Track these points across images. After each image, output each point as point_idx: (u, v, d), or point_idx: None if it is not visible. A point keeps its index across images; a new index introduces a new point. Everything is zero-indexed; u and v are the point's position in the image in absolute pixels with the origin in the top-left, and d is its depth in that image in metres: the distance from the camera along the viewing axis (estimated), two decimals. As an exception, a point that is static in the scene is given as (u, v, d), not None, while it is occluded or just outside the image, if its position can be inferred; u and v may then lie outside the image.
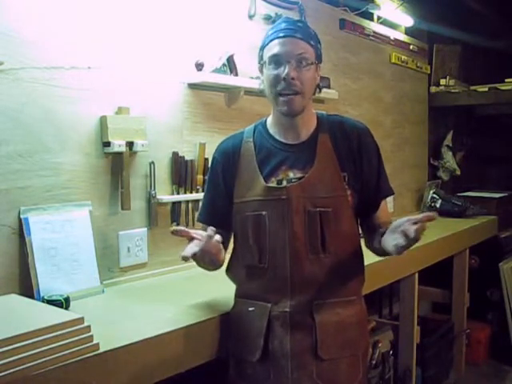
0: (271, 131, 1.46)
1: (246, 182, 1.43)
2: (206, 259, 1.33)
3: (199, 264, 1.43)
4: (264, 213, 1.38)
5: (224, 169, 1.48)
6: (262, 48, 1.41)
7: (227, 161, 1.48)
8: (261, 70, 1.43)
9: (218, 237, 1.28)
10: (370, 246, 1.51)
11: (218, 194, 1.49)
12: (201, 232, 1.32)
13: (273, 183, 1.40)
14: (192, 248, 1.26)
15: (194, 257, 1.27)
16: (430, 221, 1.19)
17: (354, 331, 1.41)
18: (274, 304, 1.39)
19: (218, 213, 1.50)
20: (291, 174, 1.40)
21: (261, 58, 1.42)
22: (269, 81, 1.37)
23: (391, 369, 2.51)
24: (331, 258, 1.38)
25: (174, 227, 1.30)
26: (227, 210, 1.47)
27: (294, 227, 1.37)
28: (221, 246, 1.35)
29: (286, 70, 1.32)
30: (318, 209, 1.37)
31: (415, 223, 1.19)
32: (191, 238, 1.29)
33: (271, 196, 1.38)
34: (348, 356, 1.39)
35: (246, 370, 1.42)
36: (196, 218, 1.64)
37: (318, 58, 1.41)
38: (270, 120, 1.49)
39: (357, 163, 1.42)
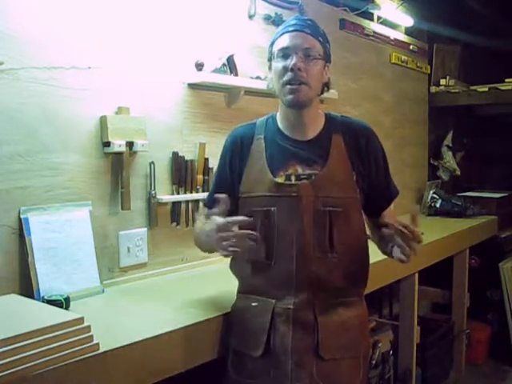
0: (280, 127, 1.47)
1: (255, 177, 1.44)
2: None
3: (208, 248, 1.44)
4: (273, 209, 1.39)
5: (231, 158, 1.50)
6: (272, 43, 1.43)
7: (235, 152, 1.49)
8: (270, 67, 1.44)
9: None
10: (374, 241, 1.53)
11: (224, 181, 1.51)
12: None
13: (281, 177, 1.40)
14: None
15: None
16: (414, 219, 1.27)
17: (355, 332, 1.41)
18: (278, 300, 1.39)
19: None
20: (300, 170, 1.40)
21: (270, 52, 1.44)
22: (276, 72, 1.39)
23: (391, 369, 2.51)
24: (338, 258, 1.39)
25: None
26: (232, 198, 1.46)
27: (302, 225, 1.37)
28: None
29: (293, 61, 1.34)
30: (328, 208, 1.37)
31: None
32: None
33: (281, 192, 1.39)
34: (349, 357, 1.39)
35: (246, 364, 1.42)
36: (203, 201, 1.65)
37: (327, 57, 1.43)
38: (278, 114, 1.50)
39: (365, 164, 1.44)
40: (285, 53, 1.37)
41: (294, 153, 1.42)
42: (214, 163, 2.00)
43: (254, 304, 1.43)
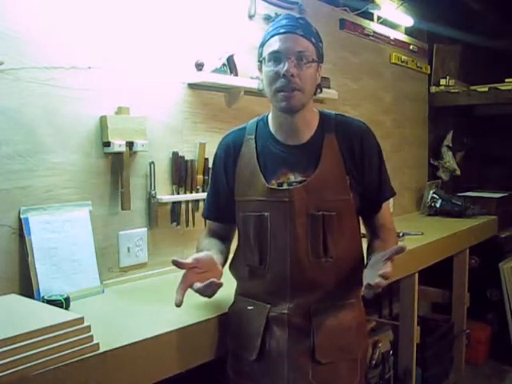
0: (272, 130, 1.44)
1: (247, 180, 1.42)
2: (201, 295, 1.31)
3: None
4: (266, 214, 1.37)
5: (226, 164, 1.47)
6: (262, 45, 1.37)
7: (229, 156, 1.46)
8: (260, 68, 1.39)
9: (220, 284, 1.28)
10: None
11: (221, 189, 1.49)
12: (199, 258, 1.32)
13: (273, 186, 1.38)
14: (184, 288, 1.27)
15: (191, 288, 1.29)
16: (399, 254, 1.22)
17: (352, 335, 1.40)
18: (273, 305, 1.39)
19: (222, 208, 1.50)
20: (292, 177, 1.38)
21: (260, 55, 1.38)
22: (268, 78, 1.34)
23: (391, 369, 2.51)
24: (332, 263, 1.37)
25: (174, 258, 1.26)
26: (230, 205, 1.46)
27: (296, 230, 1.35)
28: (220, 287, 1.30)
29: (286, 67, 1.29)
30: (321, 212, 1.35)
31: (387, 259, 1.22)
32: (189, 268, 1.29)
33: (274, 197, 1.37)
34: (346, 359, 1.38)
35: (243, 367, 1.42)
36: (201, 214, 1.65)
37: (320, 57, 1.38)
38: (270, 118, 1.46)
39: (358, 165, 1.40)
40: (276, 57, 1.31)
41: (287, 160, 1.38)
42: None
43: (249, 308, 1.42)
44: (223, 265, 1.45)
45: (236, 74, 2.17)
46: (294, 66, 1.30)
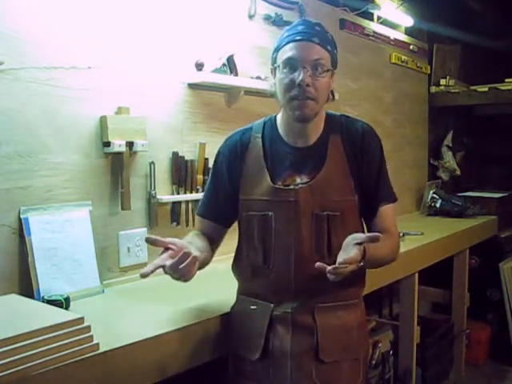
0: (280, 131, 1.43)
1: (253, 179, 1.41)
2: (176, 275, 1.26)
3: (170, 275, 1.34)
4: (270, 214, 1.37)
5: (230, 164, 1.45)
6: (277, 50, 1.36)
7: (234, 155, 1.45)
8: (273, 73, 1.39)
9: (193, 257, 1.23)
10: None
11: (222, 189, 1.48)
12: (176, 241, 1.28)
13: (279, 186, 1.38)
14: (156, 264, 1.22)
15: (164, 269, 1.24)
16: (373, 242, 1.22)
17: (355, 334, 1.40)
18: (277, 304, 1.39)
19: (219, 208, 1.49)
20: (298, 179, 1.38)
21: (274, 60, 1.37)
22: (282, 85, 1.33)
23: (391, 369, 2.51)
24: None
25: (148, 235, 1.24)
26: (229, 206, 1.46)
27: (300, 230, 1.35)
28: (196, 264, 1.28)
29: (301, 77, 1.28)
30: (325, 212, 1.35)
31: (358, 244, 1.23)
32: (166, 249, 1.26)
33: (279, 197, 1.37)
34: (349, 359, 1.39)
35: (245, 367, 1.42)
36: (196, 211, 1.63)
37: (334, 65, 1.37)
38: (279, 120, 1.45)
39: (360, 165, 1.40)
40: (291, 64, 1.30)
41: (294, 162, 1.39)
42: (214, 163, 2.00)
43: (252, 307, 1.42)
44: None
45: (236, 74, 2.17)
46: (308, 76, 1.29)
